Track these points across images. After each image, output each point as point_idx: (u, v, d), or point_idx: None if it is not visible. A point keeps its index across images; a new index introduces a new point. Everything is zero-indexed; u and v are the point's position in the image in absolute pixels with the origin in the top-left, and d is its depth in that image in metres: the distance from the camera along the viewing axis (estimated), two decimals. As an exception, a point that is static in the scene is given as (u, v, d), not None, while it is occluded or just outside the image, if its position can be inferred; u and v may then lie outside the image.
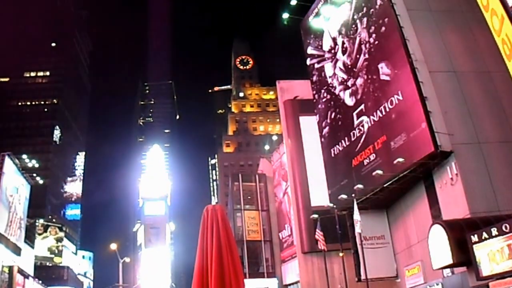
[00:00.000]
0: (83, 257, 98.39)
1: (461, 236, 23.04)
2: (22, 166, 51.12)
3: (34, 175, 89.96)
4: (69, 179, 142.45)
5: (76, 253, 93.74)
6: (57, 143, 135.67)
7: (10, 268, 41.29)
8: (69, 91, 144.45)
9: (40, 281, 54.39)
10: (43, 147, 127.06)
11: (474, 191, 24.96)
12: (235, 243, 6.16)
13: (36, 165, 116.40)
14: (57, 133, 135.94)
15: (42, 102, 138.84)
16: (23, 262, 47.18)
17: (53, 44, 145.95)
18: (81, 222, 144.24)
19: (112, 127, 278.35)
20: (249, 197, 56.72)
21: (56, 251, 78.33)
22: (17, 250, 45.51)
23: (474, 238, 22.53)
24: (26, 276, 46.49)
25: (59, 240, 79.83)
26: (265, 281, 50.93)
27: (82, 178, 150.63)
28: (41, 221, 79.88)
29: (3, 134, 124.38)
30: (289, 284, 49.00)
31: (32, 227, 63.28)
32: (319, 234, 33.93)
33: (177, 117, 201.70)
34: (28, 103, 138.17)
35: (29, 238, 54.73)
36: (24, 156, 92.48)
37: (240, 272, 5.57)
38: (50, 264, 75.92)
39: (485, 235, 22.06)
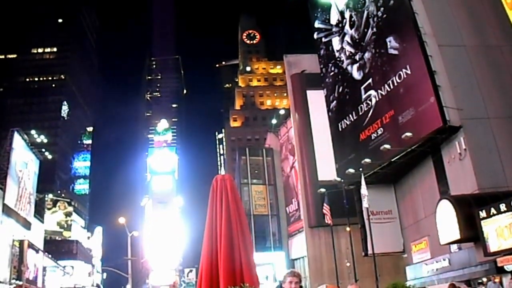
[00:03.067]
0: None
1: (469, 211, 22.93)
2: (30, 141, 51.32)
3: (43, 150, 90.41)
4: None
5: (85, 227, 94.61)
6: (65, 118, 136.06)
7: (21, 242, 41.75)
8: (77, 66, 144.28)
9: (50, 255, 55.00)
10: (51, 123, 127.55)
11: (483, 167, 24.73)
12: (244, 212, 6.08)
13: (45, 141, 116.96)
14: (65, 108, 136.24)
15: (50, 78, 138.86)
16: (33, 237, 47.68)
17: (60, 20, 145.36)
18: (89, 196, 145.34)
19: (119, 102, 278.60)
20: (256, 171, 56.71)
21: (65, 226, 79.08)
22: (27, 225, 45.95)
23: (482, 213, 22.41)
24: (36, 250, 47.00)
25: (68, 214, 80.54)
26: (272, 255, 51.19)
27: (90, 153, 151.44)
28: (50, 196, 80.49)
29: (12, 110, 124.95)
30: (296, 259, 49.20)
31: (42, 202, 63.82)
32: (326, 209, 33.89)
33: (184, 92, 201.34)
34: (36, 79, 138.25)
35: (39, 213, 55.21)
36: (33, 132, 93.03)
37: (249, 241, 5.51)
38: (60, 238, 76.71)
39: (493, 210, 21.93)
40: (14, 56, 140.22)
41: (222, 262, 5.01)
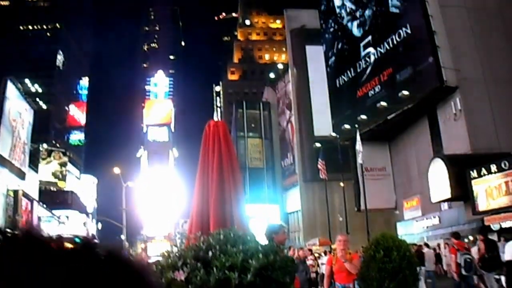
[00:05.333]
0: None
1: (461, 171, 23.35)
2: (25, 90, 50.83)
3: (37, 99, 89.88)
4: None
5: (80, 178, 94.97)
6: (60, 68, 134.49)
7: (15, 192, 41.84)
8: (73, 15, 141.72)
9: (45, 205, 55.31)
10: (46, 72, 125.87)
11: (476, 128, 25.03)
12: (236, 157, 6.19)
13: (39, 90, 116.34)
14: (60, 58, 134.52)
15: (45, 27, 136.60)
16: (28, 187, 47.70)
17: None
18: (85, 147, 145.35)
19: (116, 52, 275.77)
20: (252, 125, 56.73)
21: (60, 176, 79.11)
22: (21, 175, 45.87)
23: (473, 173, 22.81)
24: (31, 200, 47.27)
25: (63, 165, 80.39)
26: (267, 208, 51.80)
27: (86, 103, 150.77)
28: (45, 146, 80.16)
29: (5, 58, 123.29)
30: (290, 212, 49.86)
31: (36, 152, 63.56)
32: (321, 164, 34.19)
33: (183, 44, 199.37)
34: (30, 27, 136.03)
35: (33, 163, 55.08)
36: (27, 81, 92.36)
37: (240, 185, 5.58)
38: (54, 189, 76.95)
39: (484, 171, 22.34)
40: (7, 3, 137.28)
41: (213, 205, 5.10)
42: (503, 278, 13.68)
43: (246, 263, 3.21)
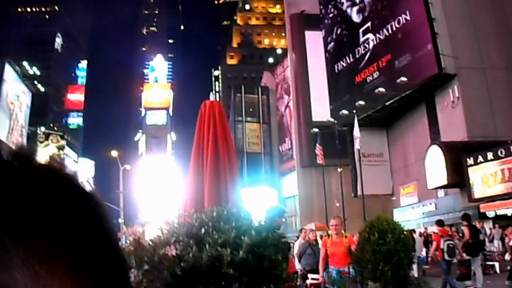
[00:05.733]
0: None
1: (457, 158, 23.43)
2: (23, 73, 50.68)
3: (36, 82, 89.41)
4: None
5: (77, 162, 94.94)
6: (59, 51, 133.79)
7: (13, 175, 41.89)
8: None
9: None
10: (44, 55, 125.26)
11: (474, 116, 25.12)
12: (232, 138, 6.19)
13: (38, 73, 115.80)
14: (58, 41, 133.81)
15: (44, 9, 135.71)
16: (26, 170, 47.73)
17: None
18: (83, 130, 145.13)
19: (115, 35, 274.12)
20: (250, 109, 56.63)
21: (58, 159, 78.86)
22: (19, 158, 45.85)
23: (470, 160, 22.89)
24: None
25: (60, 148, 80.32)
26: (265, 190, 51.85)
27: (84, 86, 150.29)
28: (43, 129, 79.99)
29: (3, 41, 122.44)
30: (287, 197, 49.97)
31: (34, 135, 63.51)
32: (318, 149, 34.16)
33: (182, 28, 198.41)
34: (29, 9, 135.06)
35: (31, 146, 55.09)
36: (25, 64, 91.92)
37: (234, 163, 5.59)
38: (52, 173, 76.86)
39: (480, 158, 22.42)
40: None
41: (207, 182, 5.11)
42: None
43: (239, 239, 3.23)
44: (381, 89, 28.35)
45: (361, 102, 29.75)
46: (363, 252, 5.42)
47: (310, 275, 10.51)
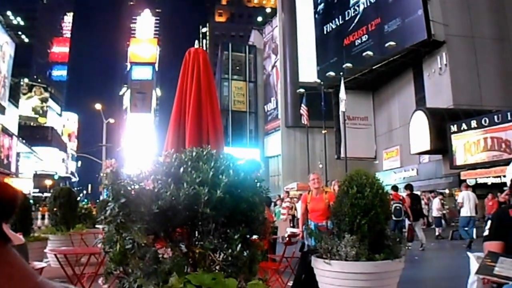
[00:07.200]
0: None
1: (442, 124, 23.60)
2: (6, 23, 49.57)
3: (20, 33, 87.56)
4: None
5: (61, 115, 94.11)
6: (44, 1, 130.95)
7: (-5, 126, 41.31)
8: None
9: (24, 141, 54.75)
10: (29, 6, 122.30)
11: (460, 84, 25.27)
12: (215, 86, 6.15)
13: (22, 23, 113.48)
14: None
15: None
16: (7, 121, 47.05)
17: None
18: (67, 83, 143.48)
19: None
20: (237, 68, 56.22)
21: (41, 112, 78.22)
22: (1, 109, 45.12)
23: (454, 128, 23.07)
24: (10, 134, 46.78)
25: (44, 100, 79.42)
26: (248, 151, 52.01)
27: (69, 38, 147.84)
28: (26, 80, 78.81)
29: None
30: (271, 156, 50.15)
31: (17, 87, 62.56)
32: (303, 109, 34.11)
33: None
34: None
35: (14, 98, 54.13)
36: (9, 13, 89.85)
37: (217, 112, 5.56)
38: (35, 124, 76.10)
39: (464, 126, 22.62)
40: None
41: (189, 126, 5.08)
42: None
43: (217, 179, 3.23)
44: (369, 53, 28.28)
45: (349, 65, 29.71)
46: (341, 205, 5.47)
47: (289, 229, 10.63)
